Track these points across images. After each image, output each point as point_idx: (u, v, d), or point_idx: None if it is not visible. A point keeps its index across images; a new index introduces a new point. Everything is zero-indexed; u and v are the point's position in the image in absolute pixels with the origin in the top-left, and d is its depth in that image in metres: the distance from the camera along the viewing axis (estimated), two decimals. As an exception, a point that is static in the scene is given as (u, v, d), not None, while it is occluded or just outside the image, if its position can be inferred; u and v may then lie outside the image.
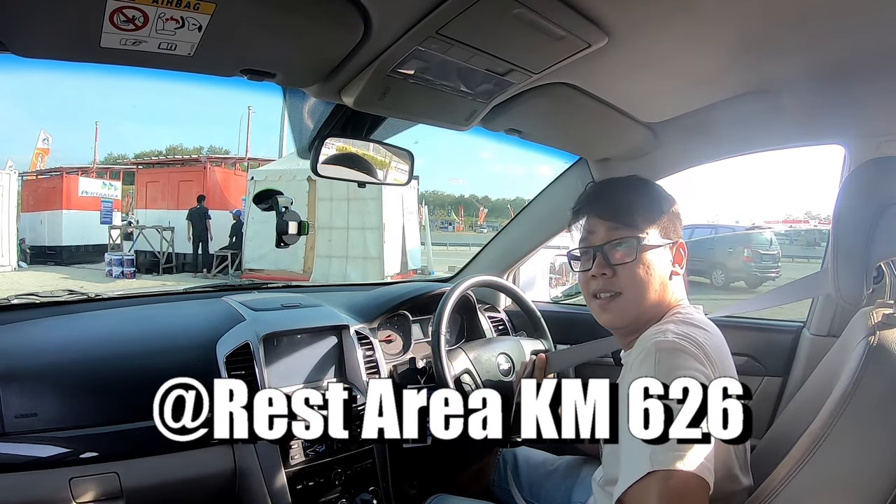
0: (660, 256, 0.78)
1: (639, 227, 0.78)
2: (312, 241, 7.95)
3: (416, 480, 1.32)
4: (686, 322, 0.73)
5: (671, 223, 0.81)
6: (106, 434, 0.91)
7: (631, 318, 0.79)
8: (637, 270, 0.77)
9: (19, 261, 9.86)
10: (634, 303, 0.78)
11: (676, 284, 0.80)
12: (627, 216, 0.79)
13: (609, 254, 0.78)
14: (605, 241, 0.79)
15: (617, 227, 0.79)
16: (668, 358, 0.65)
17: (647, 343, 0.69)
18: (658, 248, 0.78)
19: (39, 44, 0.64)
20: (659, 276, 0.78)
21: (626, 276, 0.77)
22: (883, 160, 0.79)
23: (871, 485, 0.59)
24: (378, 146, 1.08)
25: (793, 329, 1.23)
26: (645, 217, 0.79)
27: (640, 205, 0.80)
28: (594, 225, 0.81)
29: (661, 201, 0.82)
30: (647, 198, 0.81)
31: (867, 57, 0.79)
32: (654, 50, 0.80)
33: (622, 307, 0.78)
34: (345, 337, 1.24)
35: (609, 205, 0.81)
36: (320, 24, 0.66)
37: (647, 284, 0.77)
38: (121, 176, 13.71)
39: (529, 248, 1.59)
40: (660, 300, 0.78)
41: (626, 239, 0.77)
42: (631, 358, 0.72)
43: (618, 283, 0.78)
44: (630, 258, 0.77)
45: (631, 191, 0.82)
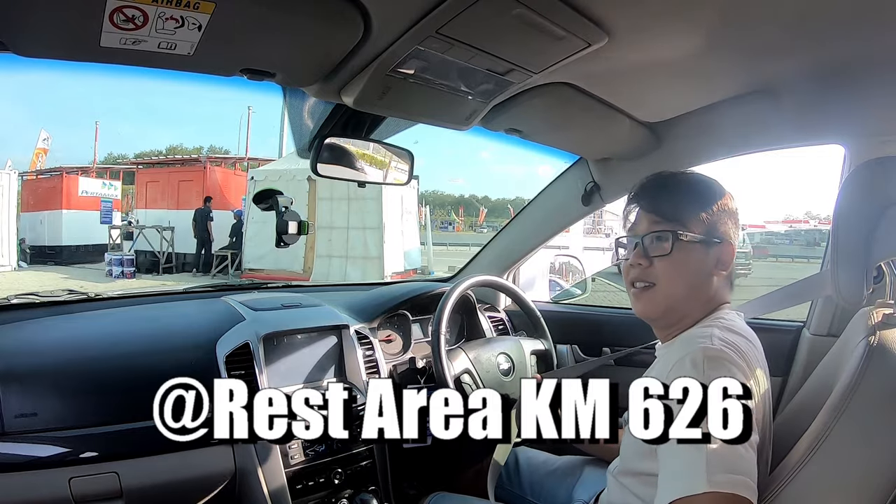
0: (699, 253, 0.78)
1: (680, 222, 0.78)
2: (312, 241, 7.95)
3: (415, 480, 1.32)
4: (730, 329, 0.73)
5: (720, 221, 0.79)
6: (106, 434, 0.91)
7: (662, 310, 0.79)
8: (672, 264, 0.77)
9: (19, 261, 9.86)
10: (667, 296, 0.78)
11: (719, 285, 0.79)
12: (669, 210, 0.79)
13: (648, 245, 0.79)
14: (646, 232, 0.80)
15: (658, 220, 0.79)
16: (714, 365, 0.65)
17: (692, 346, 0.68)
18: (697, 244, 0.77)
19: (39, 43, 0.64)
20: (695, 273, 0.78)
21: (661, 269, 0.78)
22: (883, 160, 0.79)
23: (871, 485, 0.58)
24: (378, 146, 1.08)
25: (793, 329, 1.23)
26: (689, 212, 0.78)
27: (686, 199, 0.80)
28: (639, 216, 0.82)
29: (711, 198, 0.80)
30: (697, 194, 0.81)
31: (867, 57, 0.79)
32: (654, 50, 0.80)
33: (654, 298, 0.79)
34: (345, 337, 1.24)
35: (654, 197, 0.82)
36: (320, 24, 0.66)
37: (681, 279, 0.77)
38: (121, 176, 13.71)
39: (529, 248, 1.59)
40: (697, 297, 0.78)
41: (664, 232, 0.78)
42: (672, 355, 0.72)
43: (653, 274, 0.79)
44: (666, 251, 0.77)
45: (680, 185, 0.82)
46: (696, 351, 0.67)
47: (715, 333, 0.70)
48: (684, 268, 0.77)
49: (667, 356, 0.76)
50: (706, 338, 0.69)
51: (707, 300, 0.78)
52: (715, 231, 0.78)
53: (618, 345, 1.48)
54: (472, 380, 1.20)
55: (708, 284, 0.78)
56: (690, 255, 0.77)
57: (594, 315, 1.60)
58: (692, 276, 0.78)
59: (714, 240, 0.78)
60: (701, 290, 0.78)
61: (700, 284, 0.78)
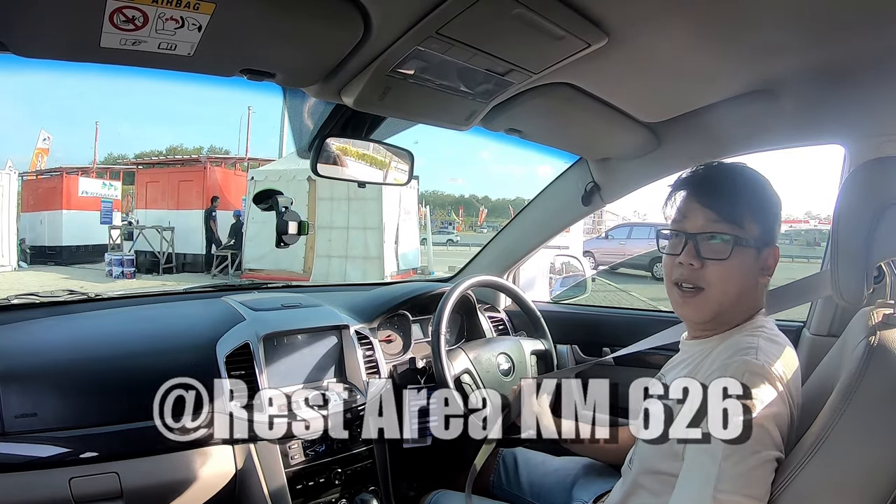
0: (752, 258, 0.74)
1: (740, 224, 0.73)
2: (312, 241, 7.95)
3: (415, 481, 1.32)
4: (772, 340, 0.71)
5: (773, 226, 0.76)
6: (106, 434, 0.91)
7: (710, 316, 0.75)
8: (727, 270, 0.73)
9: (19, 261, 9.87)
10: (716, 302, 0.74)
11: (760, 291, 0.77)
12: (731, 209, 0.74)
13: (702, 245, 0.74)
14: (701, 230, 0.74)
15: (717, 219, 0.74)
16: (756, 382, 0.64)
17: (736, 357, 0.67)
18: (754, 249, 0.74)
19: (39, 44, 0.64)
20: (747, 279, 0.74)
21: (715, 273, 0.73)
22: (883, 160, 0.79)
23: (871, 485, 0.58)
24: (378, 146, 1.08)
25: (793, 329, 1.23)
26: (749, 214, 0.74)
27: (748, 200, 0.75)
28: (692, 209, 0.76)
29: (770, 201, 0.76)
30: (756, 194, 0.76)
31: (867, 57, 0.79)
32: (654, 50, 0.79)
33: (702, 304, 0.75)
34: (345, 337, 1.24)
35: (714, 192, 0.76)
36: (320, 24, 0.66)
37: (734, 286, 0.73)
38: (121, 176, 13.71)
39: (529, 248, 1.59)
40: (743, 303, 0.75)
41: (723, 234, 0.73)
42: (712, 358, 0.71)
43: (704, 277, 0.74)
44: (724, 255, 0.72)
45: (741, 182, 0.77)
46: (738, 364, 0.65)
47: (761, 346, 0.68)
48: (738, 273, 0.73)
49: (702, 356, 0.75)
50: (751, 350, 0.67)
51: (750, 306, 0.76)
52: (768, 234, 0.75)
53: (618, 345, 1.48)
54: (472, 380, 1.20)
55: (754, 290, 0.75)
56: (745, 261, 0.73)
57: (594, 315, 1.60)
58: (743, 282, 0.74)
59: (766, 244, 0.75)
60: (748, 296, 0.75)
61: (748, 290, 0.75)
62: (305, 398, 1.12)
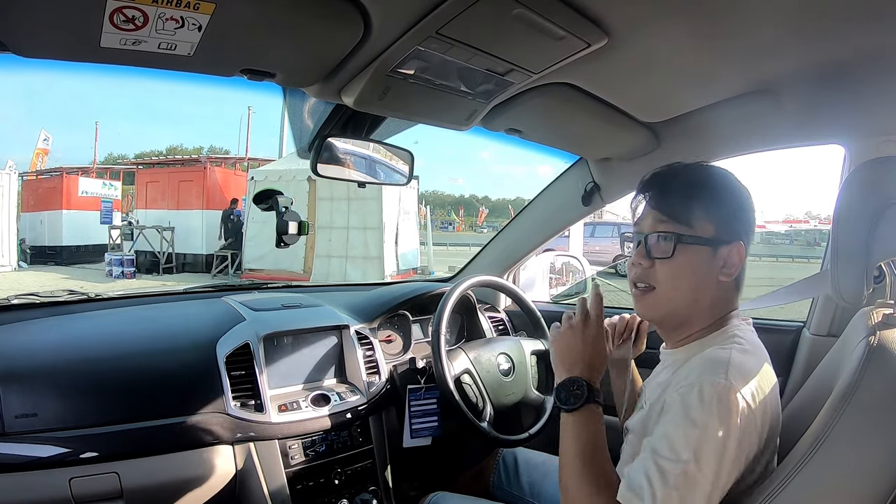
0: (704, 256, 0.73)
1: (686, 222, 0.73)
2: (312, 241, 7.95)
3: (416, 481, 1.32)
4: (746, 352, 0.69)
5: (732, 221, 0.74)
6: (106, 434, 0.91)
7: (662, 314, 0.77)
8: (674, 268, 0.74)
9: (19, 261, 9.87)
10: (667, 300, 0.75)
11: (726, 289, 0.75)
12: (678, 209, 0.74)
13: (651, 245, 0.75)
14: (650, 231, 0.76)
15: (663, 219, 0.75)
16: (722, 406, 0.63)
17: (706, 377, 0.65)
18: (704, 246, 0.73)
19: (39, 44, 0.64)
20: (699, 277, 0.74)
21: (662, 272, 0.74)
22: (883, 160, 0.79)
23: (871, 485, 0.58)
24: (378, 146, 1.08)
25: (793, 329, 1.23)
26: (700, 212, 0.73)
27: (698, 198, 0.74)
28: (645, 211, 0.78)
29: (727, 197, 0.75)
30: (709, 191, 0.75)
31: (867, 57, 0.79)
32: (654, 50, 0.79)
33: (653, 302, 0.76)
34: (345, 337, 1.24)
35: (661, 193, 0.77)
36: (320, 24, 0.66)
37: (683, 283, 0.74)
38: (121, 176, 13.73)
39: (529, 249, 1.59)
40: (700, 303, 0.74)
41: (667, 234, 0.74)
42: (684, 374, 0.69)
43: (653, 276, 0.75)
44: (667, 254, 0.73)
45: (693, 181, 0.77)
46: (708, 386, 0.63)
47: (732, 361, 0.66)
48: (687, 272, 0.73)
49: (677, 368, 0.74)
50: (722, 368, 0.65)
51: (712, 306, 0.75)
52: (724, 231, 0.73)
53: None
54: (472, 380, 1.20)
55: (712, 289, 0.74)
56: (695, 259, 0.73)
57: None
58: (695, 280, 0.74)
59: (722, 241, 0.73)
60: (704, 296, 0.74)
61: (703, 289, 0.74)
62: (305, 398, 1.12)
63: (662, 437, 0.64)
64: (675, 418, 0.64)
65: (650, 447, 0.65)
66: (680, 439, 0.62)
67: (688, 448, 0.61)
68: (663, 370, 0.80)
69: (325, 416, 1.11)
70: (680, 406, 0.64)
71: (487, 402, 1.20)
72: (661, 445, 0.64)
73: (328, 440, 1.12)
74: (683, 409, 0.64)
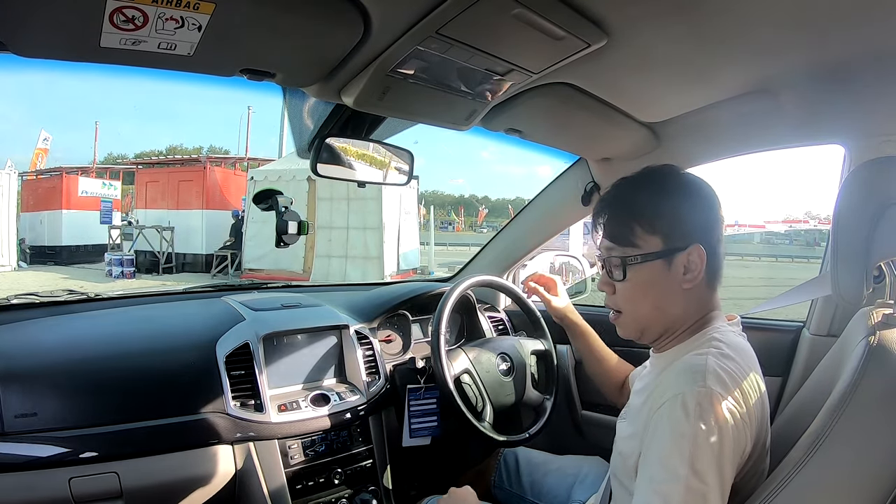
0: (659, 269, 0.72)
1: (630, 243, 0.74)
2: (312, 241, 7.96)
3: (416, 480, 1.32)
4: (725, 356, 0.67)
5: (682, 226, 0.72)
6: (106, 434, 0.91)
7: (636, 332, 0.77)
8: (631, 289, 0.75)
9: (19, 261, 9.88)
10: (634, 320, 0.76)
11: (696, 294, 0.73)
12: (618, 232, 0.75)
13: (609, 270, 0.77)
14: (605, 257, 0.77)
15: (610, 245, 0.76)
16: (705, 410, 0.62)
17: (686, 385, 0.64)
18: (658, 261, 0.72)
19: (39, 44, 0.64)
20: (659, 293, 0.73)
21: (622, 295, 0.76)
22: (883, 160, 0.79)
23: (871, 485, 0.58)
24: (378, 146, 1.08)
25: (793, 329, 1.23)
26: (640, 228, 0.73)
27: (635, 215, 0.74)
28: (600, 239, 0.79)
29: (669, 202, 0.74)
30: (646, 203, 0.74)
31: (867, 57, 0.79)
32: (654, 50, 0.79)
33: (623, 325, 0.78)
34: (344, 337, 1.24)
35: (605, 220, 0.78)
36: (320, 24, 0.66)
37: (644, 301, 0.74)
38: (121, 176, 13.73)
39: (529, 248, 1.59)
40: (670, 314, 0.74)
41: (615, 258, 0.75)
42: (666, 381, 0.68)
43: (617, 301, 0.77)
44: (619, 278, 0.75)
45: (629, 198, 0.77)
46: (689, 397, 0.62)
47: (709, 366, 0.65)
48: (645, 290, 0.74)
49: (658, 373, 0.74)
50: (699, 376, 0.64)
51: (684, 312, 0.74)
52: (675, 239, 0.72)
53: (618, 345, 1.48)
54: (471, 380, 1.20)
55: (679, 298, 0.73)
56: (649, 276, 0.73)
57: (594, 315, 1.59)
58: (655, 296, 0.74)
59: (675, 249, 0.72)
60: (672, 307, 0.74)
61: (668, 302, 0.73)
62: (305, 398, 1.12)
63: (655, 462, 0.63)
64: (664, 438, 0.63)
65: (646, 477, 0.64)
66: (673, 456, 0.61)
67: (683, 463, 0.60)
68: (649, 372, 0.80)
69: (325, 415, 1.11)
70: (667, 424, 0.63)
71: (487, 403, 1.20)
72: (656, 471, 0.62)
73: (328, 440, 1.12)
74: (671, 426, 0.63)
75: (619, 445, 0.77)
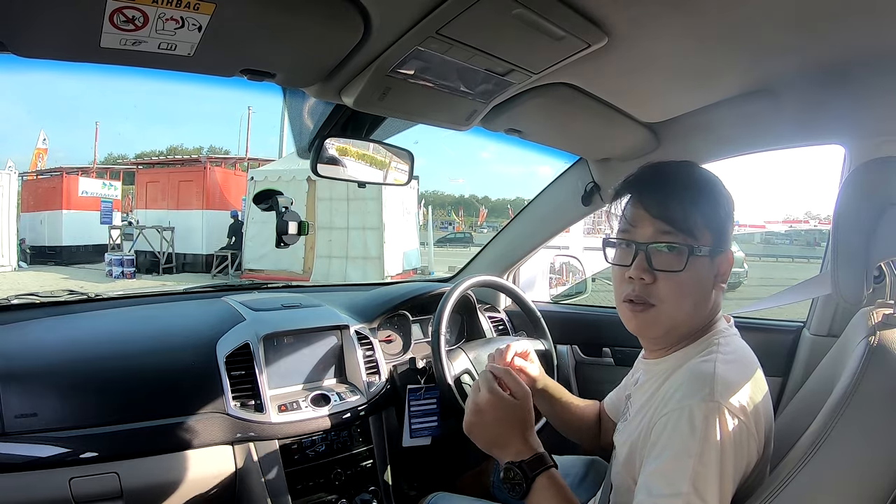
0: (706, 267, 0.68)
1: (691, 232, 0.67)
2: (312, 241, 7.96)
3: (416, 481, 1.32)
4: (731, 361, 0.65)
5: (726, 230, 0.70)
6: (106, 434, 0.91)
7: (663, 331, 0.71)
8: (681, 283, 0.67)
9: (19, 261, 9.88)
10: (671, 317, 0.69)
11: (716, 297, 0.72)
12: (683, 217, 0.67)
13: (653, 256, 0.68)
14: (652, 240, 0.68)
15: (668, 229, 0.68)
16: (712, 422, 0.60)
17: (692, 402, 0.61)
18: (707, 258, 0.68)
19: (39, 44, 0.64)
20: (703, 290, 0.69)
21: (669, 287, 0.68)
22: (883, 160, 0.79)
23: (871, 485, 0.58)
24: (378, 146, 1.08)
25: (793, 329, 1.23)
26: (701, 220, 0.68)
27: (700, 204, 0.68)
28: (640, 217, 0.70)
29: (722, 202, 0.70)
30: (708, 196, 0.70)
31: (867, 57, 0.79)
32: (654, 50, 0.79)
33: (655, 319, 0.70)
34: (345, 337, 1.24)
35: (663, 199, 0.69)
36: (320, 24, 0.66)
37: (688, 300, 0.68)
38: (121, 176, 13.74)
39: (529, 248, 1.59)
40: (699, 315, 0.70)
41: (677, 245, 0.67)
42: (668, 388, 0.66)
43: (656, 292, 0.68)
44: (678, 267, 0.66)
45: (692, 185, 0.70)
46: (697, 410, 0.60)
47: (717, 375, 0.62)
48: (693, 286, 0.68)
49: (662, 382, 0.70)
50: (707, 385, 0.61)
51: (705, 315, 0.71)
52: (720, 240, 0.69)
53: (618, 345, 1.48)
54: (472, 380, 1.20)
55: (710, 299, 0.70)
56: (700, 271, 0.68)
57: (594, 315, 1.60)
58: (698, 294, 0.69)
59: (719, 250, 0.69)
60: (703, 307, 0.70)
61: (703, 302, 0.70)
62: (305, 398, 1.12)
63: (657, 474, 0.61)
64: (667, 451, 0.61)
65: (646, 488, 0.61)
66: (676, 471, 0.59)
67: (685, 480, 0.58)
68: (646, 382, 0.75)
69: (325, 416, 1.11)
70: (672, 436, 0.61)
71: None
72: (656, 484, 0.60)
73: (328, 440, 1.12)
74: (676, 440, 0.60)
75: (619, 448, 0.77)
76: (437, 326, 1.18)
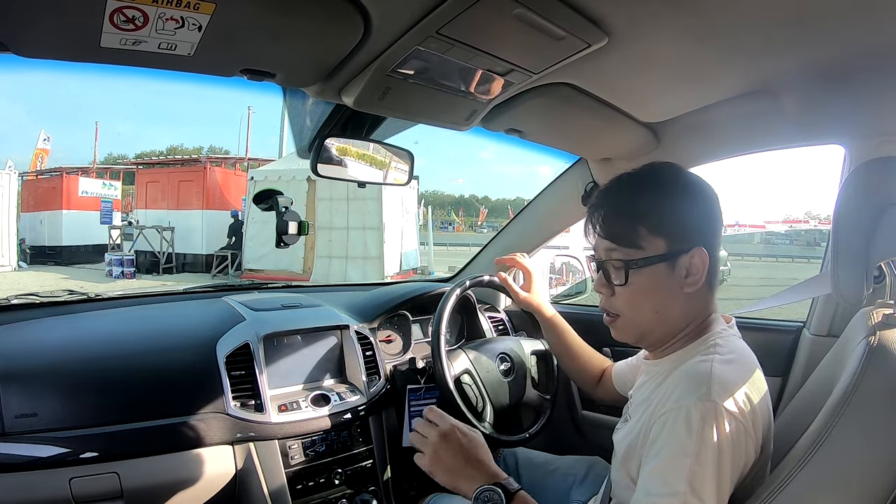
0: (662, 272, 0.70)
1: (635, 245, 0.70)
2: (312, 241, 7.96)
3: (416, 481, 1.32)
4: (728, 362, 0.66)
5: (686, 228, 0.70)
6: (106, 434, 0.91)
7: (635, 337, 0.75)
8: (632, 293, 0.72)
9: (19, 261, 9.88)
10: (635, 325, 0.74)
11: (697, 297, 0.71)
12: (623, 232, 0.71)
13: (610, 271, 0.73)
14: (605, 257, 0.74)
15: (612, 247, 0.72)
16: (709, 423, 0.60)
17: (689, 395, 0.62)
18: (661, 264, 0.69)
19: (39, 44, 0.64)
20: (661, 296, 0.71)
21: (623, 298, 0.73)
22: (883, 160, 0.79)
23: (871, 485, 0.58)
24: (378, 146, 1.08)
25: (793, 329, 1.23)
26: (646, 229, 0.70)
27: (640, 215, 0.71)
28: (595, 238, 0.76)
29: (673, 203, 0.71)
30: (651, 203, 0.71)
31: (867, 57, 0.79)
32: (654, 50, 0.79)
33: (623, 328, 0.75)
34: (345, 337, 1.24)
35: (604, 218, 0.74)
36: (320, 24, 0.66)
37: (645, 305, 0.72)
38: (121, 176, 13.74)
39: (529, 249, 1.59)
40: (670, 319, 0.72)
41: (616, 261, 0.72)
42: (666, 389, 0.67)
43: (615, 304, 0.74)
44: (621, 281, 0.71)
45: (634, 198, 0.73)
46: (694, 410, 0.61)
47: (714, 375, 0.63)
48: (647, 294, 0.71)
49: (659, 383, 0.71)
50: (704, 385, 0.62)
51: (684, 317, 0.72)
52: (679, 241, 0.69)
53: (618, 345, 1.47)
54: (472, 380, 1.20)
55: (679, 302, 0.71)
56: (651, 279, 0.70)
57: (594, 315, 1.59)
58: (657, 300, 0.71)
59: (679, 252, 0.69)
60: (672, 311, 0.72)
61: (669, 306, 0.71)
62: (305, 398, 1.12)
63: (654, 474, 0.62)
64: (664, 451, 0.62)
65: (644, 488, 0.63)
66: (673, 471, 0.60)
67: (682, 479, 0.59)
68: (646, 382, 0.77)
69: (325, 416, 1.11)
70: (669, 436, 0.62)
71: (487, 403, 1.20)
72: (653, 484, 0.61)
73: (328, 440, 1.12)
74: (673, 440, 0.61)
75: (618, 447, 0.77)
76: (437, 326, 1.18)
